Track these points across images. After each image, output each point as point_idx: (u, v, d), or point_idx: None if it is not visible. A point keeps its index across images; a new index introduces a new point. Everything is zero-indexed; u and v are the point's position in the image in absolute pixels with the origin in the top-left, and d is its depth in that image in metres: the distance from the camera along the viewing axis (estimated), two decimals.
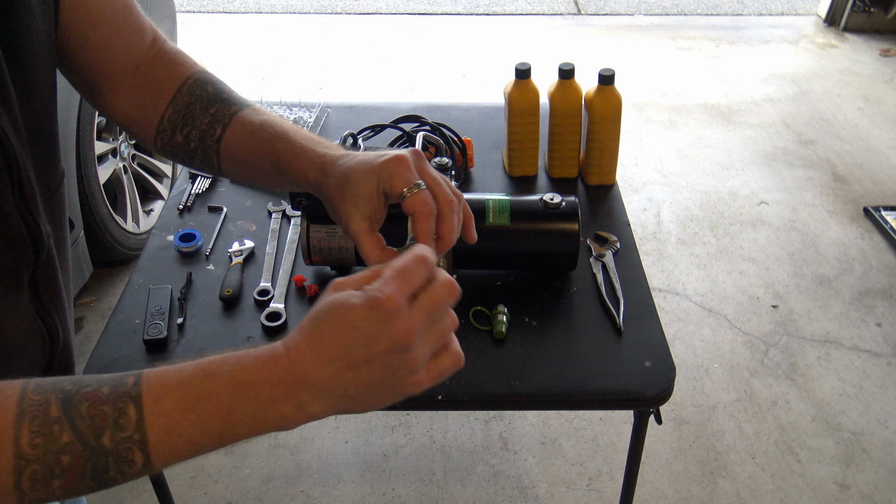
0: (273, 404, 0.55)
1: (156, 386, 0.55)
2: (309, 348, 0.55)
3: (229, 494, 1.84)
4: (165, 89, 0.83)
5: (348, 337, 0.55)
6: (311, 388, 0.55)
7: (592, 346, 1.19)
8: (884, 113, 3.45)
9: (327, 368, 0.55)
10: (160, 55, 0.85)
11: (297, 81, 3.70)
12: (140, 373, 0.56)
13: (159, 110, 0.83)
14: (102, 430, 0.52)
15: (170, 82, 0.84)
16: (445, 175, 1.28)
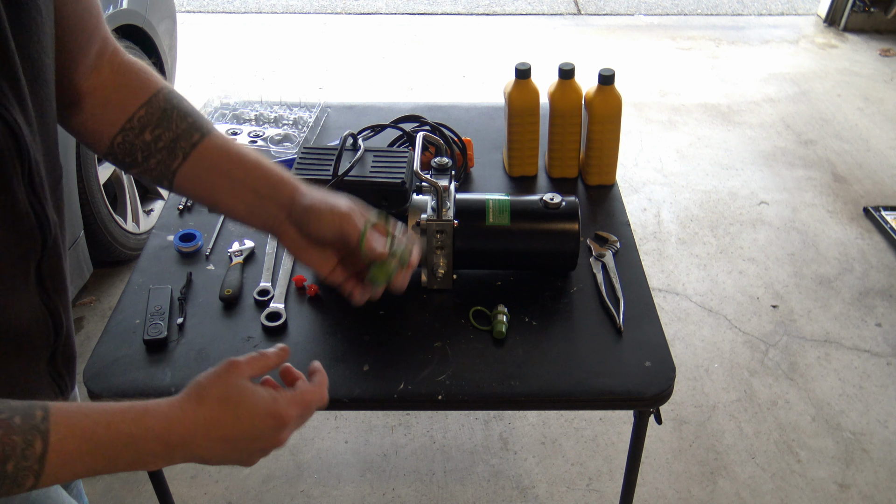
0: (154, 457, 0.65)
1: (63, 426, 0.61)
2: (206, 424, 0.67)
3: (229, 494, 1.84)
4: (138, 93, 0.86)
5: (245, 430, 0.68)
6: (190, 452, 0.67)
7: (592, 346, 1.19)
8: (884, 113, 3.45)
9: (214, 444, 0.67)
10: (130, 63, 0.89)
11: (297, 81, 3.70)
12: (46, 407, 0.61)
13: (129, 110, 0.85)
14: (9, 458, 0.58)
15: (144, 87, 0.87)
16: (445, 175, 1.29)
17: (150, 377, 1.13)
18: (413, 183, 1.25)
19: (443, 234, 1.21)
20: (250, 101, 1.80)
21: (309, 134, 1.70)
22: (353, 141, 1.26)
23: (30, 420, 0.60)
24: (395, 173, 1.21)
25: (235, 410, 0.69)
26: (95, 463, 0.63)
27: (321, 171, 1.21)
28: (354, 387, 1.12)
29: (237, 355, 1.16)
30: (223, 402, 0.69)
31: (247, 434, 0.69)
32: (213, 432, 0.67)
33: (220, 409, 0.68)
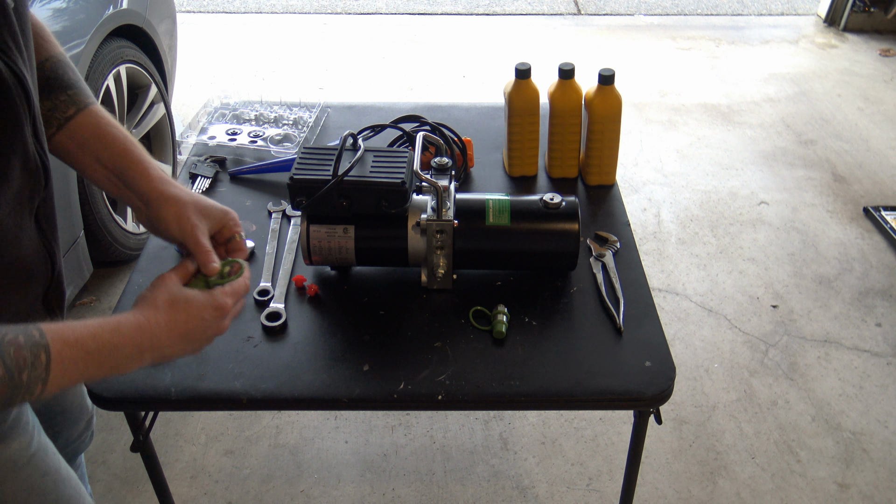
0: (130, 360, 0.79)
1: (58, 340, 0.72)
2: (167, 327, 0.81)
3: (229, 494, 1.84)
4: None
5: (195, 324, 0.83)
6: (157, 353, 0.81)
7: (592, 346, 1.19)
8: (884, 113, 3.45)
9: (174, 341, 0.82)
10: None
11: (297, 81, 3.70)
12: (39, 327, 0.72)
13: None
14: (23, 370, 0.69)
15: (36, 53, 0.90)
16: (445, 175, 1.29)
17: (150, 377, 1.13)
18: (413, 183, 1.25)
19: (443, 234, 1.21)
20: (250, 101, 1.80)
21: (309, 134, 1.70)
22: (353, 141, 1.26)
23: (31, 338, 0.71)
24: (395, 173, 1.21)
25: (185, 310, 0.83)
26: (87, 369, 0.75)
27: (321, 171, 1.21)
28: (354, 387, 1.12)
29: (238, 354, 1.16)
30: (173, 305, 0.82)
31: (197, 326, 0.84)
32: (172, 332, 0.82)
33: (172, 311, 0.82)
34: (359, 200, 1.20)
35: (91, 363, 0.76)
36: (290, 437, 1.98)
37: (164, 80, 2.62)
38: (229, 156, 1.63)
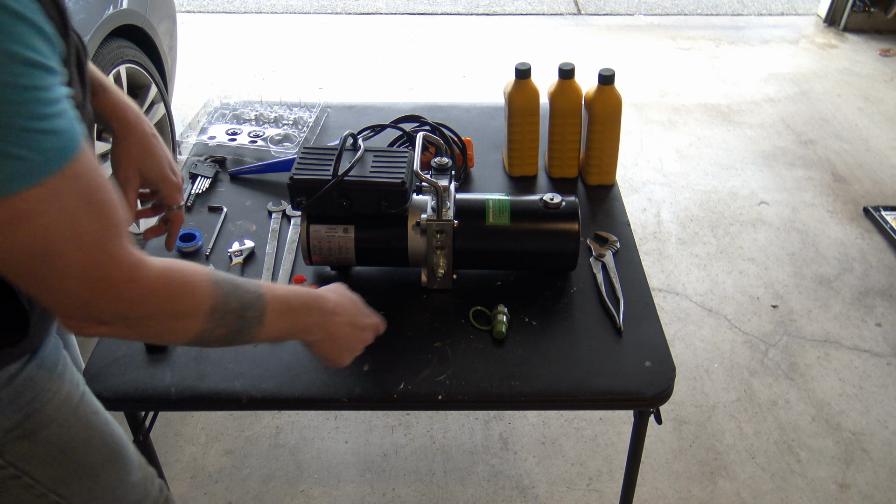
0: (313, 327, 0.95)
1: (270, 292, 0.88)
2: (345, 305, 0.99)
3: (229, 494, 1.84)
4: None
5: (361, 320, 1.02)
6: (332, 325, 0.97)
7: (592, 346, 1.19)
8: (884, 113, 3.45)
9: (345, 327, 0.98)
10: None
11: (297, 81, 3.70)
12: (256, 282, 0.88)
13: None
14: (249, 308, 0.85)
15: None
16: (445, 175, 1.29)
17: (150, 377, 1.13)
18: (413, 183, 1.25)
19: (443, 234, 1.21)
20: (250, 101, 1.80)
21: (309, 134, 1.70)
22: (353, 141, 1.26)
23: (251, 285, 0.86)
24: (395, 173, 1.21)
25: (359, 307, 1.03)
26: (287, 323, 0.90)
27: (321, 171, 1.21)
28: (354, 387, 1.12)
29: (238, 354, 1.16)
30: (353, 300, 1.02)
31: (361, 325, 1.02)
32: (348, 317, 0.99)
33: (353, 303, 1.01)
34: (359, 200, 1.20)
35: (289, 317, 0.91)
36: (290, 437, 1.97)
37: (164, 80, 2.62)
38: (229, 156, 1.63)
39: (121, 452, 1.02)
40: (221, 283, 0.83)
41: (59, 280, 0.69)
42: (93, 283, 0.70)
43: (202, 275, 0.82)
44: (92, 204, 0.68)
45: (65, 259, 0.67)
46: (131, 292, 0.73)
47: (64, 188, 0.65)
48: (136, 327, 0.77)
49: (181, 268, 0.80)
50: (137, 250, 0.75)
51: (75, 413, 0.94)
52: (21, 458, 0.89)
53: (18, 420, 0.86)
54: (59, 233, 0.66)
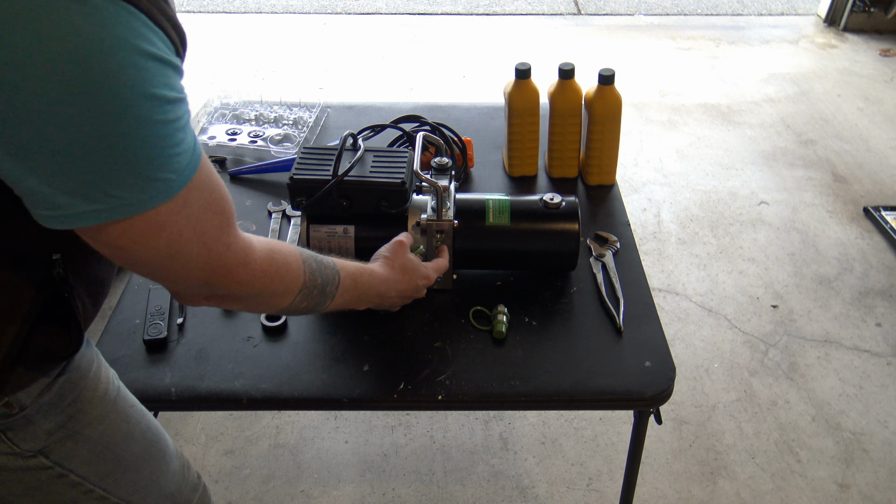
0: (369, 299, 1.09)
1: (342, 269, 1.00)
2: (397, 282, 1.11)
3: (229, 494, 1.84)
4: None
5: (412, 286, 1.14)
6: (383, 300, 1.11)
7: (592, 346, 1.19)
8: (884, 113, 3.45)
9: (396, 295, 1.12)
10: None
11: (297, 81, 3.70)
12: (335, 262, 1.00)
13: None
14: (328, 283, 0.97)
15: None
16: (445, 175, 1.29)
17: (150, 377, 1.13)
18: (413, 183, 1.25)
19: (443, 234, 1.21)
20: (250, 101, 1.80)
21: (309, 134, 1.70)
22: (353, 141, 1.26)
23: (329, 261, 0.98)
24: (395, 173, 1.21)
25: (410, 274, 1.12)
26: (351, 296, 1.03)
27: (321, 171, 1.21)
28: (354, 387, 1.12)
29: (238, 354, 1.16)
30: (404, 269, 1.12)
31: (411, 287, 1.14)
32: (398, 286, 1.11)
33: (402, 273, 1.11)
34: (359, 200, 1.20)
35: (354, 293, 1.03)
36: (290, 437, 1.97)
37: None
38: (229, 156, 1.63)
39: (159, 442, 1.03)
40: (309, 260, 0.94)
41: (183, 271, 0.77)
42: (212, 270, 0.78)
43: (295, 254, 0.92)
44: (211, 204, 0.75)
45: (190, 255, 0.75)
46: (243, 275, 0.82)
47: (191, 196, 0.71)
48: (241, 302, 0.87)
49: (281, 248, 0.89)
50: (245, 235, 0.83)
51: (115, 408, 0.95)
52: (66, 457, 0.90)
53: (62, 421, 0.88)
54: (187, 236, 0.73)
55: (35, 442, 0.86)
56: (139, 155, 0.65)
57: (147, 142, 0.65)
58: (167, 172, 0.68)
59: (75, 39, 0.58)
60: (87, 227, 0.67)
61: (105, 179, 0.64)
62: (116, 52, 0.60)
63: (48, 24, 0.57)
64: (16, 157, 0.62)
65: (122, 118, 0.62)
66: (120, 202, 0.66)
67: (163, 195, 0.68)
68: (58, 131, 0.60)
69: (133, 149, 0.64)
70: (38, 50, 0.57)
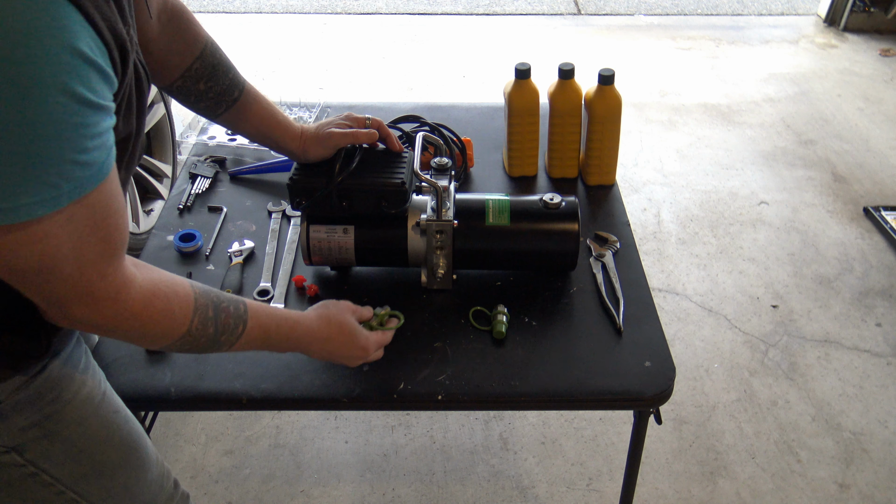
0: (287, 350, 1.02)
1: (254, 319, 0.93)
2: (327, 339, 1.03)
3: (229, 494, 1.84)
4: (192, 45, 1.13)
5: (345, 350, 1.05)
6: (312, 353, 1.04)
7: (592, 346, 1.19)
8: (884, 113, 3.45)
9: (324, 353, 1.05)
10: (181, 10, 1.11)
11: (297, 81, 3.70)
12: (245, 303, 0.92)
13: (187, 61, 1.13)
14: (223, 333, 0.89)
15: (196, 41, 1.14)
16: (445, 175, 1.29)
17: (150, 377, 1.13)
18: (413, 183, 1.25)
19: (443, 234, 1.21)
20: None
21: None
22: None
23: (238, 311, 0.91)
24: (395, 174, 1.21)
25: (345, 338, 1.04)
26: (259, 346, 0.96)
27: (321, 171, 1.21)
28: (354, 387, 1.12)
29: (238, 354, 1.16)
30: (340, 330, 1.04)
31: (344, 353, 1.05)
32: (328, 345, 1.03)
33: (338, 333, 1.03)
34: (359, 201, 1.20)
35: (265, 343, 0.97)
36: (290, 437, 1.98)
37: None
38: (229, 156, 1.63)
39: (139, 450, 1.02)
40: (204, 308, 0.86)
41: (49, 288, 0.72)
42: (78, 296, 0.74)
43: (187, 300, 0.84)
44: (99, 229, 0.70)
45: (61, 273, 0.70)
46: (110, 310, 0.77)
47: (79, 214, 0.67)
48: (109, 334, 0.82)
49: (167, 294, 0.82)
50: (129, 269, 0.78)
51: (97, 412, 0.94)
52: (40, 456, 0.89)
53: (37, 420, 0.87)
54: (64, 253, 0.69)
55: (8, 438, 0.85)
56: (37, 152, 0.60)
57: (50, 140, 0.60)
58: (60, 179, 0.63)
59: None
60: None
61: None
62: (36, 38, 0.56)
63: None
64: None
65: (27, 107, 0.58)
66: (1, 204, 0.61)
67: (49, 204, 0.63)
68: None
69: (31, 143, 0.59)
70: None
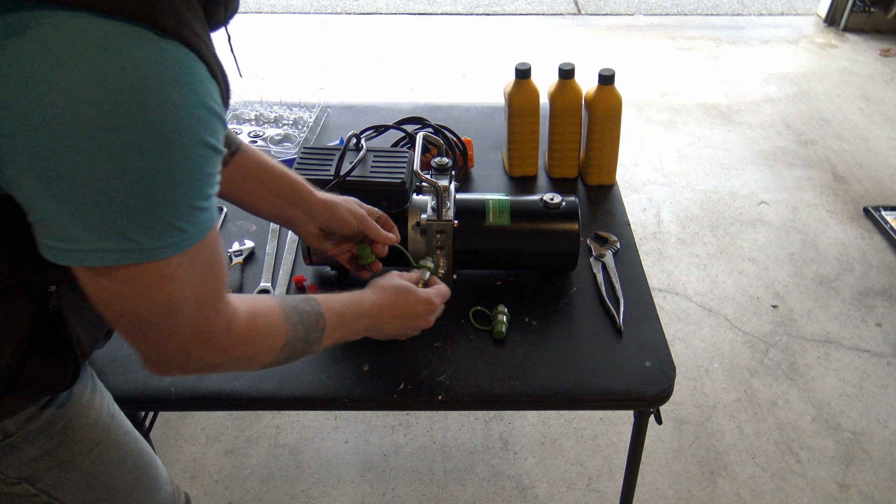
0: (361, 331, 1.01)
1: (327, 310, 0.94)
2: (390, 306, 1.02)
3: (229, 494, 1.84)
4: None
5: (411, 310, 1.04)
6: (380, 328, 1.03)
7: (592, 346, 1.19)
8: (884, 113, 3.45)
9: (393, 320, 1.03)
10: None
11: (297, 81, 3.70)
12: (314, 298, 0.94)
13: None
14: (311, 330, 0.91)
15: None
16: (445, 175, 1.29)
17: (150, 377, 1.13)
18: (413, 183, 1.25)
19: (443, 234, 1.21)
20: (250, 101, 1.80)
21: (309, 134, 1.70)
22: (356, 141, 1.26)
23: (312, 306, 0.92)
24: (396, 173, 1.21)
25: (406, 298, 1.04)
26: (340, 333, 0.96)
27: (321, 171, 1.21)
28: (354, 387, 1.12)
29: None
30: (397, 292, 1.03)
31: (411, 313, 1.04)
32: (395, 311, 1.02)
33: (396, 295, 1.03)
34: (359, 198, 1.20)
35: (343, 329, 0.97)
36: (290, 437, 1.97)
37: None
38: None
39: (150, 470, 1.02)
40: (291, 313, 0.88)
41: (169, 334, 0.73)
42: (196, 335, 0.75)
43: (277, 311, 0.87)
44: (213, 266, 0.73)
45: (183, 315, 0.72)
46: (223, 342, 0.78)
47: (199, 254, 0.69)
48: (218, 369, 0.83)
49: (263, 311, 0.85)
50: (230, 299, 0.80)
51: (107, 435, 0.93)
52: (53, 485, 0.88)
53: (49, 449, 0.86)
54: (186, 294, 0.71)
55: (20, 469, 0.84)
56: (172, 201, 0.63)
57: (181, 187, 0.64)
58: (187, 223, 0.66)
59: (133, 73, 0.57)
60: (91, 266, 0.65)
61: (127, 218, 0.62)
62: (173, 94, 0.60)
63: (106, 56, 0.57)
64: (41, 179, 0.60)
65: (166, 157, 0.61)
66: (135, 245, 0.64)
67: (177, 246, 0.66)
68: (94, 159, 0.59)
69: (166, 191, 0.63)
70: (91, 77, 0.56)
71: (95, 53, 0.56)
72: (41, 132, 0.57)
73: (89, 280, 0.67)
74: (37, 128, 0.57)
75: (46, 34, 0.55)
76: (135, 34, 0.57)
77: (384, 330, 1.03)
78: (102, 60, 0.56)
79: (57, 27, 0.55)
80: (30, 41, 0.55)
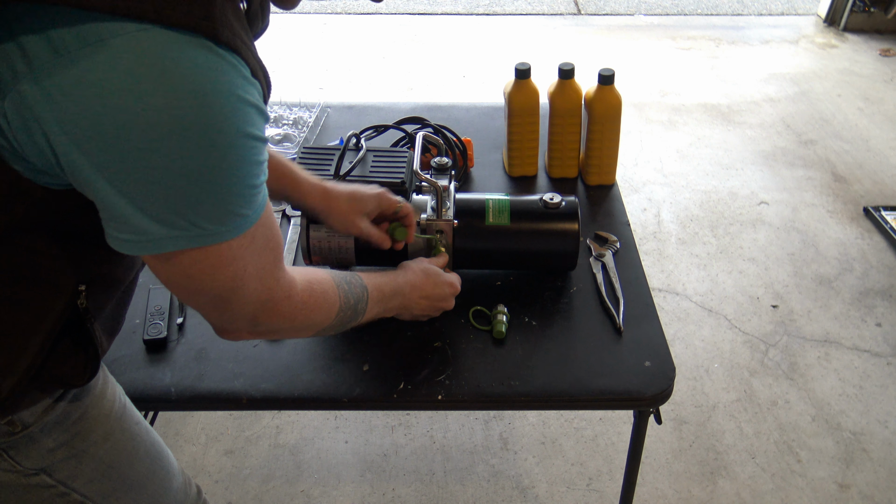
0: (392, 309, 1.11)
1: (370, 284, 1.03)
2: (419, 286, 1.12)
3: (229, 494, 1.84)
4: None
5: (437, 291, 1.14)
6: (408, 305, 1.13)
7: (592, 346, 1.19)
8: (884, 113, 3.45)
9: (420, 300, 1.13)
10: None
11: (296, 81, 3.70)
12: (357, 274, 1.03)
13: None
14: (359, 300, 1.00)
15: None
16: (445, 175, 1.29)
17: (150, 377, 1.13)
18: (413, 183, 1.25)
19: (443, 234, 1.21)
20: None
21: (309, 134, 1.70)
22: (356, 141, 1.26)
23: (356, 279, 1.01)
24: (395, 173, 1.21)
25: (434, 279, 1.14)
26: (379, 308, 1.06)
27: (321, 170, 1.21)
28: (354, 387, 1.12)
29: (238, 354, 1.16)
30: (426, 274, 1.13)
31: (439, 294, 1.14)
32: (423, 291, 1.12)
33: (423, 276, 1.13)
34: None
35: (381, 303, 1.06)
36: (290, 437, 1.97)
37: None
38: None
39: (163, 460, 1.04)
40: (341, 283, 0.97)
41: (238, 306, 0.80)
42: (261, 304, 0.82)
43: (329, 279, 0.95)
44: (270, 240, 0.79)
45: (248, 289, 0.79)
46: (287, 308, 0.86)
47: (258, 232, 0.75)
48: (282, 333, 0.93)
49: (317, 277, 0.93)
50: (288, 269, 0.86)
51: (120, 426, 0.95)
52: (69, 476, 0.90)
53: (65, 440, 0.88)
54: (250, 271, 0.77)
55: (37, 460, 0.86)
56: (230, 190, 0.69)
57: (239, 178, 0.69)
58: (246, 208, 0.71)
59: (198, 79, 0.62)
60: (160, 253, 0.70)
61: (194, 209, 0.68)
62: (227, 95, 0.65)
63: (173, 65, 0.61)
64: (113, 180, 0.64)
65: (225, 155, 0.66)
66: (201, 231, 0.69)
67: (239, 229, 0.72)
68: (162, 161, 0.63)
69: (227, 183, 0.68)
70: (160, 84, 0.61)
71: (163, 63, 0.61)
72: (114, 137, 0.61)
73: (160, 265, 0.73)
74: (110, 132, 0.61)
75: (118, 45, 0.60)
76: (196, 45, 0.62)
77: (412, 309, 1.13)
78: (170, 69, 0.61)
79: (128, 39, 0.60)
80: (103, 52, 0.59)
